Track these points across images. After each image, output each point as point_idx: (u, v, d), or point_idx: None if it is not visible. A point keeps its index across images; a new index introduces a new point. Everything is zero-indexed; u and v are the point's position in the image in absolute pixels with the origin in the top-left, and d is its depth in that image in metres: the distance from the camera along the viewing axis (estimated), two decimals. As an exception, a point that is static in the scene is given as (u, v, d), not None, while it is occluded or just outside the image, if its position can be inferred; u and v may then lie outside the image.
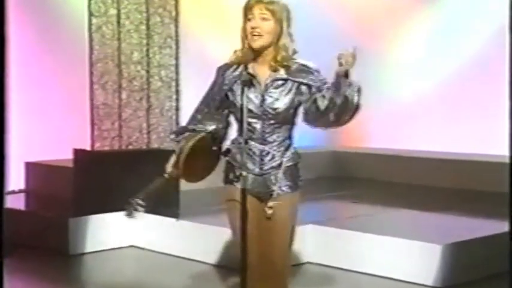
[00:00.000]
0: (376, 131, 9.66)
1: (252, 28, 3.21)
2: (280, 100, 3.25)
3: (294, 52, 3.31)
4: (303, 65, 3.30)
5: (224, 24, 8.31)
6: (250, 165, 3.26)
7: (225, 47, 3.50)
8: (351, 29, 9.56)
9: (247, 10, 3.23)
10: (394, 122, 9.42)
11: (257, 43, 3.22)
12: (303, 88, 3.27)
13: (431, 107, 9.07)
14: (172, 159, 3.29)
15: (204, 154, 3.31)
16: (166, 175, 3.30)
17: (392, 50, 9.49)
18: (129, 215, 3.34)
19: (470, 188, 7.54)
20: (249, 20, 3.23)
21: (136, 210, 3.31)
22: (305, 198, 3.44)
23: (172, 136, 3.42)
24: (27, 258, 5.84)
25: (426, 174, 8.19)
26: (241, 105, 3.14)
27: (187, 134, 3.34)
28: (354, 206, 7.10)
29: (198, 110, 3.39)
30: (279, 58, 3.25)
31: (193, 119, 3.39)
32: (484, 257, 5.08)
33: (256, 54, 3.26)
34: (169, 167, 3.29)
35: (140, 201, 3.30)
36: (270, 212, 3.26)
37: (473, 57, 8.62)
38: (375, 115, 9.61)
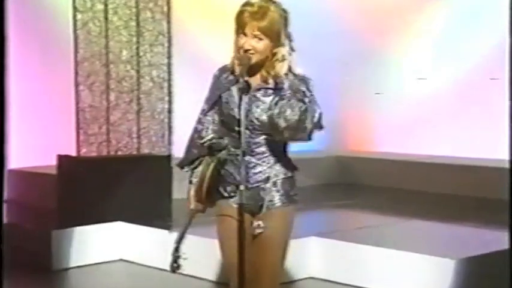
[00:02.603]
0: (383, 134, 9.65)
1: (245, 50, 3.17)
2: (266, 111, 3.20)
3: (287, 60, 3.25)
4: (295, 77, 3.23)
5: (220, 20, 8.26)
6: (237, 178, 3.24)
7: (221, 44, 3.48)
8: (358, 27, 9.55)
9: (240, 25, 3.20)
10: (403, 124, 9.41)
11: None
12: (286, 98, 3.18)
13: (443, 108, 9.06)
14: (192, 192, 3.32)
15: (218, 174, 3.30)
16: (190, 210, 3.32)
17: (401, 49, 9.48)
18: (176, 269, 3.32)
19: (487, 196, 7.50)
20: (241, 37, 3.19)
21: (178, 264, 3.31)
22: (307, 208, 3.43)
23: (186, 168, 3.42)
24: (6, 274, 5.78)
25: (438, 181, 8.17)
26: (239, 113, 3.12)
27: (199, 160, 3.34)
28: (359, 216, 7.08)
29: (200, 122, 3.40)
30: (272, 72, 3.22)
31: (196, 133, 3.39)
32: (501, 273, 5.03)
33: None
34: (192, 202, 3.32)
35: (179, 253, 3.30)
36: (258, 230, 3.24)
37: (486, 56, 8.59)
38: (383, 117, 9.61)
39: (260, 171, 3.26)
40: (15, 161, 7.48)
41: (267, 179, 3.27)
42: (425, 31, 9.30)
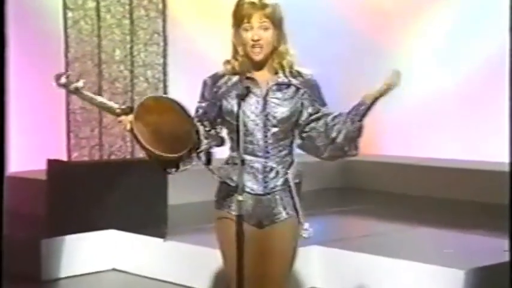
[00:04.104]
0: (390, 136, 9.63)
1: (253, 40, 3.20)
2: (284, 105, 3.25)
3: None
4: (304, 74, 3.32)
5: (217, 18, 8.26)
6: (251, 184, 3.23)
7: (218, 43, 3.46)
8: (362, 23, 9.55)
9: (244, 18, 3.21)
10: (410, 126, 9.40)
11: (259, 56, 3.23)
12: (306, 98, 3.29)
13: (452, 109, 9.05)
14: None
15: (180, 122, 3.10)
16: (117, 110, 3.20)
17: (407, 46, 9.48)
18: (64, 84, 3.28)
19: (500, 202, 7.45)
20: (246, 29, 3.21)
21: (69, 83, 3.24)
22: (309, 214, 3.39)
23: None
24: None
25: (448, 186, 8.15)
26: (237, 120, 3.09)
27: None
28: (364, 223, 7.05)
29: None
30: (284, 63, 3.26)
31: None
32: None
33: (254, 63, 3.26)
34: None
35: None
36: (306, 235, 3.27)
37: (493, 57, 8.57)
38: (388, 118, 9.57)
39: (277, 176, 3.25)
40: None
41: (284, 184, 3.27)
42: (431, 31, 9.29)
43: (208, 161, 3.29)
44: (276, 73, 3.26)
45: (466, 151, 8.69)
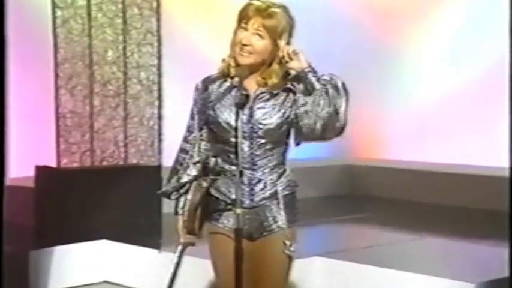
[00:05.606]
0: (397, 140, 9.63)
1: (242, 44, 3.15)
2: (272, 115, 3.20)
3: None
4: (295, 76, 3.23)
5: (214, 17, 8.28)
6: (232, 198, 3.21)
7: (215, 43, 3.45)
8: (369, 23, 9.55)
9: (243, 18, 3.17)
10: (418, 129, 9.39)
11: (244, 60, 3.17)
12: (300, 98, 3.18)
13: (463, 111, 9.03)
14: (180, 223, 3.28)
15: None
16: (180, 245, 3.28)
17: (414, 46, 9.48)
18: None
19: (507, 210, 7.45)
20: (241, 30, 3.16)
21: None
22: (311, 223, 3.38)
23: (173, 196, 3.35)
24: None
25: (455, 193, 8.14)
26: (236, 129, 3.09)
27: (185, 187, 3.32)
28: (369, 232, 7.03)
29: (187, 141, 3.36)
30: (269, 83, 3.20)
31: (183, 154, 3.35)
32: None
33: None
34: (182, 235, 3.28)
35: None
36: (291, 249, 3.22)
37: (501, 59, 8.56)
38: (396, 121, 9.58)
39: (264, 188, 3.23)
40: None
41: (272, 196, 3.24)
42: (445, 21, 9.28)
43: (205, 173, 3.29)
44: (263, 85, 3.21)
45: (475, 156, 8.68)
